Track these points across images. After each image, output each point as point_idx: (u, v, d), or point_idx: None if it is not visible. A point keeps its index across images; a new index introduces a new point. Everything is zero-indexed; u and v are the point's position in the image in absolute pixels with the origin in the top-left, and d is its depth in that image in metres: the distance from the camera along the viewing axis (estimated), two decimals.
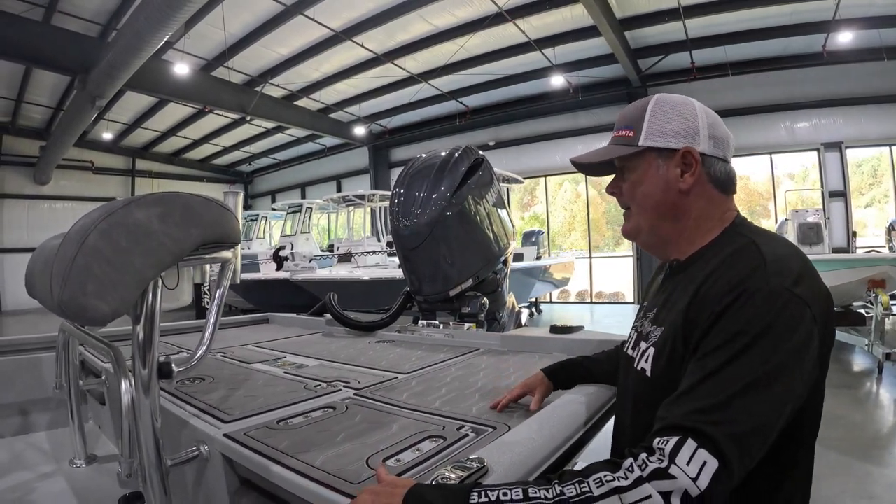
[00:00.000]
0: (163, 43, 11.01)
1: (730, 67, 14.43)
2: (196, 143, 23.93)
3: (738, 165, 1.71)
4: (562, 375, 1.72)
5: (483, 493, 0.92)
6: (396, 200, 3.43)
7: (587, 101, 16.79)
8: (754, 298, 1.01)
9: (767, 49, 13.78)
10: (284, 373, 2.23)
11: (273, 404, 1.70)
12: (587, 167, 1.45)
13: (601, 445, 1.42)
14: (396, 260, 14.66)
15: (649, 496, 0.87)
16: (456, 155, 3.50)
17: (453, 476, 1.02)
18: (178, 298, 1.53)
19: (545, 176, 20.20)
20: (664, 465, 0.90)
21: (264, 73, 16.10)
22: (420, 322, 3.43)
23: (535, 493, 0.90)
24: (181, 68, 13.89)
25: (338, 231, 21.51)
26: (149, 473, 1.30)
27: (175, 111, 19.11)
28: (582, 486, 0.90)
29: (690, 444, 0.90)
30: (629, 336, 1.45)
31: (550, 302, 19.25)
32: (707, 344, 1.04)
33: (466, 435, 1.39)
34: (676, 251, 1.32)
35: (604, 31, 12.38)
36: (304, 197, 25.51)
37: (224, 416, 1.58)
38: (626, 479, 0.89)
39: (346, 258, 15.86)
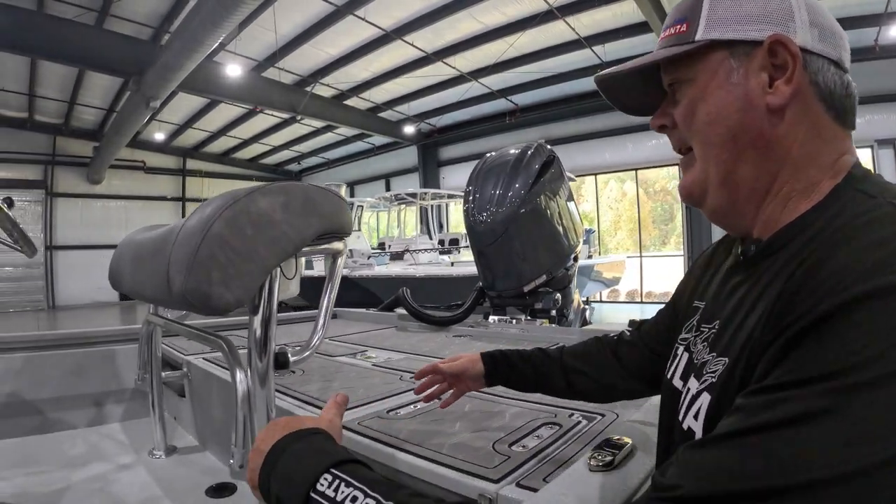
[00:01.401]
0: (216, 45, 11.17)
1: None
2: (245, 143, 24.20)
3: None
4: (500, 364, 1.31)
5: (335, 485, 0.70)
6: (471, 197, 3.46)
7: None
8: (892, 302, 0.51)
9: None
10: (373, 365, 2.24)
11: (375, 395, 1.72)
12: (618, 92, 1.02)
13: None
14: (446, 258, 14.73)
15: None
16: (529, 153, 3.51)
17: (606, 454, 1.00)
18: (288, 289, 1.53)
19: (595, 174, 19.90)
20: None
21: (314, 73, 16.21)
22: (491, 318, 3.43)
23: None
24: (233, 69, 14.07)
25: (388, 230, 21.58)
26: None
27: (225, 111, 19.37)
28: None
29: None
30: (674, 352, 0.95)
31: (601, 301, 19.07)
32: (789, 369, 0.54)
33: (579, 422, 1.40)
34: (759, 223, 0.77)
35: (655, 28, 12.13)
36: (352, 195, 25.58)
37: None
38: None
39: (399, 256, 16.00)
